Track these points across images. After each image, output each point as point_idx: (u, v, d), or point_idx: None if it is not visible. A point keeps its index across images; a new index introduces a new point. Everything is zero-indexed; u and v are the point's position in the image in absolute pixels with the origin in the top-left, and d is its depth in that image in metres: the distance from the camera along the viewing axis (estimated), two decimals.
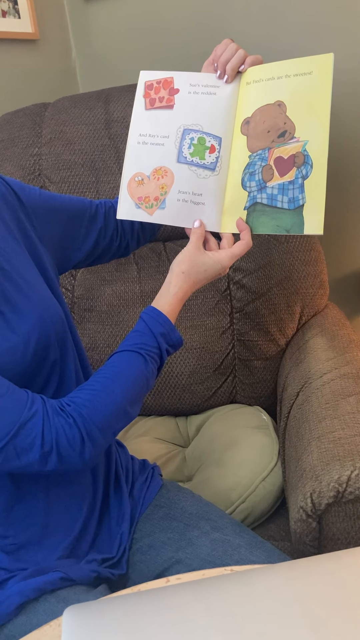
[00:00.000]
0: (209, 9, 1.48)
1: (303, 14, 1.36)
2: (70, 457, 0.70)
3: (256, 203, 0.86)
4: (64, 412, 0.70)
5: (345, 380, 0.99)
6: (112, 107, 1.31)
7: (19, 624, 0.71)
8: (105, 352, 1.29)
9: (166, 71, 0.89)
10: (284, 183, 0.84)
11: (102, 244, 0.94)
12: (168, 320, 0.80)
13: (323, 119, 0.81)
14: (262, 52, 1.44)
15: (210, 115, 0.87)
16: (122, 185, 0.90)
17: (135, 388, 0.76)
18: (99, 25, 1.68)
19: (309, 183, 0.82)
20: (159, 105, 0.89)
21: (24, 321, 0.74)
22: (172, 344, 0.81)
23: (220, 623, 0.46)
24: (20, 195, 0.82)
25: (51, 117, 1.33)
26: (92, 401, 0.72)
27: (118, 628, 0.47)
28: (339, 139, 1.41)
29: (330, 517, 0.77)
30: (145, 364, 0.77)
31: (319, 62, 0.81)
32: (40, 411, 0.69)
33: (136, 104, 0.90)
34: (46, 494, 0.79)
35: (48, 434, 0.68)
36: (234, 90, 0.87)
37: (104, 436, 0.72)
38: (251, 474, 1.07)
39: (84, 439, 0.70)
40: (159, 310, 0.81)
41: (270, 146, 0.85)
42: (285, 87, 0.83)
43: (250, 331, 1.28)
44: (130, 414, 0.76)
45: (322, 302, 1.33)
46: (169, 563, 0.82)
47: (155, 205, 0.89)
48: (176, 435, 1.31)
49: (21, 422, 0.67)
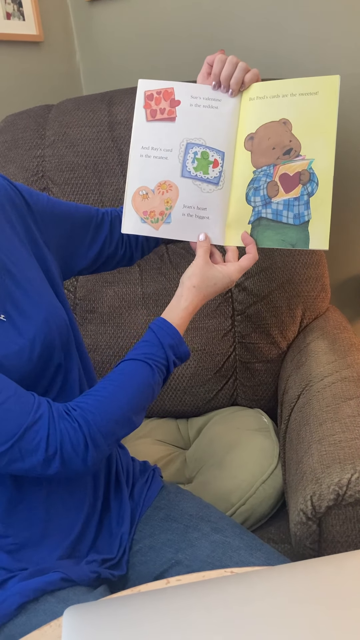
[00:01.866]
0: (213, 12, 1.48)
1: (305, 15, 1.36)
2: (73, 462, 0.70)
3: (261, 218, 0.87)
4: (70, 417, 0.71)
5: (346, 384, 0.99)
6: (115, 110, 1.31)
7: (19, 624, 0.71)
8: (106, 354, 1.29)
9: (165, 81, 0.89)
10: (289, 199, 0.85)
11: (107, 251, 0.95)
12: (177, 333, 0.81)
13: (329, 139, 0.83)
14: (265, 54, 1.45)
15: (212, 129, 0.88)
16: (127, 199, 0.91)
17: (141, 397, 0.77)
18: (103, 27, 1.69)
19: (314, 200, 0.84)
20: (160, 117, 0.89)
21: (30, 324, 0.75)
22: (179, 356, 0.82)
23: (220, 625, 0.46)
24: (29, 201, 0.83)
25: (55, 119, 1.34)
26: (97, 407, 0.73)
27: (118, 629, 0.47)
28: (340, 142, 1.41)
29: (331, 520, 0.77)
30: (152, 374, 0.78)
31: (326, 83, 0.83)
32: (46, 414, 0.69)
33: (137, 114, 0.90)
34: (47, 494, 0.79)
35: (53, 438, 0.68)
36: (236, 105, 0.88)
37: (107, 442, 0.73)
38: (251, 476, 1.08)
39: (88, 444, 0.71)
40: (169, 322, 0.82)
41: (276, 163, 0.86)
42: (290, 106, 0.84)
43: (252, 334, 1.28)
44: (134, 422, 0.77)
45: (324, 305, 1.33)
46: (169, 564, 0.82)
47: (160, 219, 0.90)
48: (177, 437, 1.31)
49: (27, 424, 0.67)
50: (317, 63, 1.39)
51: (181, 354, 0.82)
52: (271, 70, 1.43)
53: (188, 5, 1.51)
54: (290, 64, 1.42)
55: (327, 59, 1.37)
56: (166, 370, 0.81)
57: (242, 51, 1.46)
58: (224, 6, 1.46)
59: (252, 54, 1.45)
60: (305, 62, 1.40)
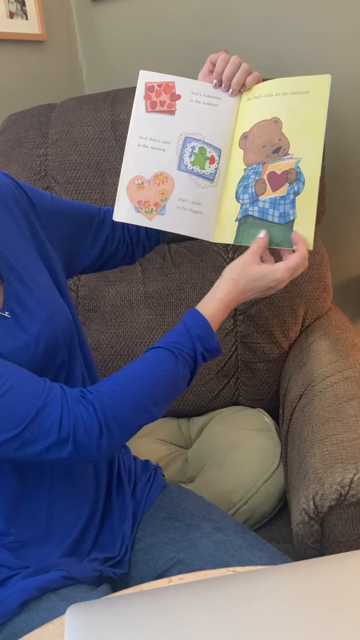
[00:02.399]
0: (215, 11, 1.48)
1: (307, 15, 1.36)
2: (86, 446, 0.69)
3: (247, 215, 0.87)
4: (85, 400, 0.70)
5: (349, 384, 0.99)
6: (118, 109, 1.32)
7: (21, 622, 0.71)
8: (108, 353, 1.29)
9: (167, 75, 0.89)
10: (275, 198, 0.85)
11: (109, 250, 0.95)
12: (207, 323, 0.78)
13: (317, 138, 0.83)
14: (266, 54, 1.45)
15: (211, 126, 0.89)
16: (121, 187, 0.90)
17: (161, 386, 0.74)
18: (105, 27, 1.69)
19: (300, 199, 0.84)
20: (160, 109, 0.89)
21: (34, 321, 0.75)
22: (208, 348, 0.78)
23: (223, 623, 0.46)
24: (33, 199, 0.83)
25: (57, 118, 1.34)
26: (115, 391, 0.71)
27: (121, 627, 0.47)
28: (343, 142, 1.41)
29: (333, 520, 0.77)
30: (176, 363, 0.75)
31: (316, 82, 0.83)
32: (59, 397, 0.69)
33: (136, 104, 0.90)
34: (50, 492, 0.79)
35: (66, 421, 0.68)
36: (235, 104, 0.89)
37: (122, 429, 0.71)
38: (253, 475, 1.08)
39: (102, 428, 0.69)
40: (200, 313, 0.79)
41: (265, 161, 0.86)
42: (282, 104, 0.85)
43: (254, 333, 1.28)
44: (153, 412, 0.74)
45: (326, 306, 1.33)
46: (171, 563, 0.82)
47: (155, 210, 0.90)
48: (178, 436, 1.31)
49: (39, 407, 0.67)
50: (318, 63, 1.39)
51: (211, 347, 0.78)
52: (272, 70, 1.43)
53: (190, 5, 1.51)
54: (291, 64, 1.42)
55: (328, 59, 1.37)
56: (193, 362, 0.77)
57: (244, 51, 1.46)
58: (226, 6, 1.46)
59: (253, 54, 1.45)
60: (306, 62, 1.40)
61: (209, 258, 1.31)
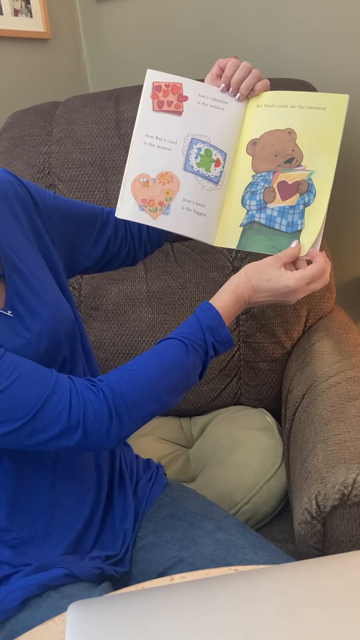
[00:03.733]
0: (220, 11, 1.48)
1: (310, 15, 1.36)
2: (96, 433, 0.69)
3: (253, 222, 0.88)
4: (95, 387, 0.70)
5: (351, 384, 0.99)
6: (122, 107, 1.31)
7: (22, 620, 0.71)
8: (110, 351, 1.29)
9: (174, 75, 0.89)
10: (284, 207, 0.86)
11: (111, 250, 0.95)
12: (218, 314, 0.79)
13: (332, 154, 0.84)
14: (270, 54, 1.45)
15: (217, 130, 0.89)
16: (126, 184, 0.89)
17: (173, 374, 0.74)
18: (110, 25, 1.69)
19: (309, 210, 0.85)
20: (167, 109, 0.89)
21: (36, 320, 0.75)
22: (219, 339, 0.79)
23: (224, 622, 0.46)
24: (36, 198, 0.83)
25: (61, 116, 1.34)
26: (125, 379, 0.72)
27: (122, 625, 0.47)
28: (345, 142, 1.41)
29: (335, 520, 0.77)
30: (187, 353, 0.76)
31: (334, 100, 0.84)
32: (67, 385, 0.69)
33: (143, 102, 0.89)
34: (51, 489, 0.79)
35: (76, 407, 0.68)
36: (241, 109, 0.89)
37: (131, 417, 0.71)
38: (255, 475, 1.07)
39: (112, 415, 0.69)
40: (211, 304, 0.80)
41: (276, 170, 0.87)
42: (297, 117, 0.86)
43: (256, 333, 1.28)
44: (164, 400, 0.74)
45: (329, 306, 1.33)
46: (172, 562, 0.82)
47: (159, 209, 0.89)
48: (180, 435, 1.31)
49: (47, 394, 0.67)
50: (321, 64, 1.39)
51: (221, 337, 0.78)
52: (276, 69, 1.43)
53: (194, 4, 1.51)
54: (294, 65, 1.42)
55: (331, 60, 1.37)
56: (204, 353, 0.78)
57: (247, 50, 1.46)
58: (230, 6, 1.46)
59: (257, 54, 1.45)
60: (308, 63, 1.40)
61: (212, 257, 1.31)
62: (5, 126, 1.37)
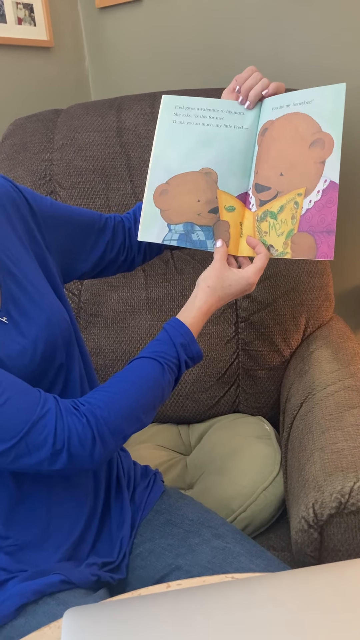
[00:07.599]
0: (221, 21, 1.49)
1: (311, 24, 1.37)
2: (80, 457, 0.70)
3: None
4: (78, 412, 0.71)
5: (349, 393, 0.99)
6: (124, 115, 1.32)
7: (18, 626, 0.71)
8: (109, 358, 1.29)
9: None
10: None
11: (109, 256, 0.95)
12: (189, 332, 0.81)
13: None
14: (271, 63, 1.46)
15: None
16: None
17: (151, 395, 0.77)
18: (112, 34, 1.70)
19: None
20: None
21: (32, 325, 0.75)
22: (191, 356, 0.82)
23: (220, 630, 0.46)
24: (32, 203, 0.83)
25: (63, 124, 1.35)
26: (106, 403, 0.73)
27: (118, 632, 0.47)
28: (346, 151, 1.41)
29: (332, 528, 0.77)
30: (163, 372, 0.78)
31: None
32: (53, 409, 0.69)
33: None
34: (48, 496, 0.79)
35: (61, 432, 0.68)
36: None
37: (115, 439, 0.73)
38: (252, 483, 1.07)
39: (96, 439, 0.70)
40: (181, 322, 0.82)
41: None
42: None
43: (255, 341, 1.28)
44: (143, 420, 0.76)
45: (328, 314, 1.33)
46: (169, 569, 0.82)
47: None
48: (178, 442, 1.31)
49: (34, 419, 0.67)
50: (324, 75, 1.40)
51: (193, 354, 0.82)
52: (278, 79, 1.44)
53: (196, 14, 1.52)
54: (297, 73, 1.43)
55: (334, 71, 1.38)
56: (177, 369, 0.80)
57: (249, 59, 1.48)
58: (231, 16, 1.47)
59: (258, 63, 1.46)
60: (311, 72, 1.41)
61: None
62: (7, 133, 1.38)
